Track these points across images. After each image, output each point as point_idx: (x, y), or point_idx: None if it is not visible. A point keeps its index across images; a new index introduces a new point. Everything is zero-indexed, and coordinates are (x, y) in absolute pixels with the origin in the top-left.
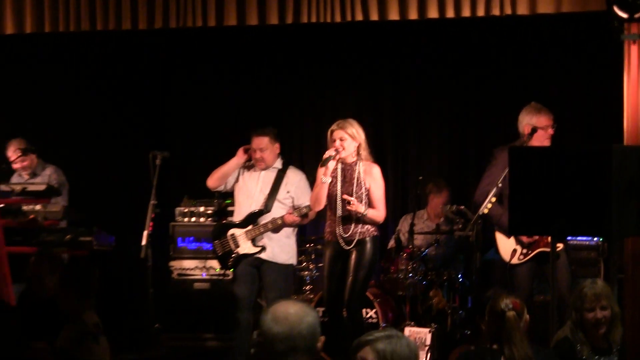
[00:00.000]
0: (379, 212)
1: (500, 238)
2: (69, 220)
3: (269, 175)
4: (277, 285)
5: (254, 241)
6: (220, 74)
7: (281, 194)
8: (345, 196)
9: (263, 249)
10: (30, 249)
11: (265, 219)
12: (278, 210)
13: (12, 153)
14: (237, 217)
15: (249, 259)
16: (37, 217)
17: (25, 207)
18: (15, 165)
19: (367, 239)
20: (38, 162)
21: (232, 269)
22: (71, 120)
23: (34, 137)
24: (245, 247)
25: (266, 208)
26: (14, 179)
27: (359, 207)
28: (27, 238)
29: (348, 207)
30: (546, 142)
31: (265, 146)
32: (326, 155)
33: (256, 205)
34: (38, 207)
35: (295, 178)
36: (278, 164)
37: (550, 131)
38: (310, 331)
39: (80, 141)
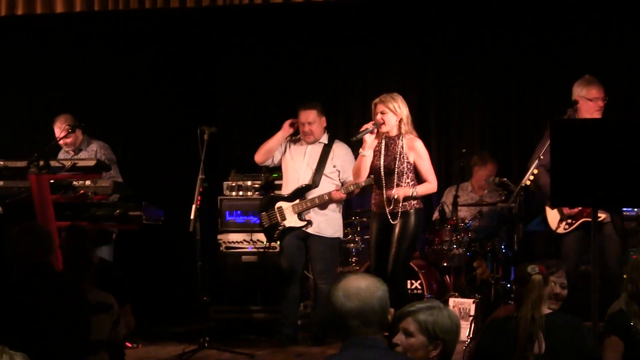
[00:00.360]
0: (430, 184)
1: (549, 208)
2: (118, 195)
3: (316, 150)
4: (323, 258)
5: (300, 215)
6: (267, 50)
7: (328, 168)
8: (387, 192)
9: (309, 223)
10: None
11: (313, 193)
12: (325, 184)
13: (59, 129)
14: (285, 190)
15: (296, 232)
16: (87, 192)
17: (75, 183)
18: (62, 142)
19: (411, 211)
20: (83, 138)
21: (277, 241)
22: (121, 97)
23: (84, 113)
24: (292, 220)
25: (314, 183)
26: (61, 155)
27: (406, 192)
28: (77, 213)
29: (394, 199)
30: (596, 115)
31: (313, 119)
32: (363, 128)
33: (304, 180)
34: (88, 182)
35: (341, 152)
36: (324, 138)
37: (600, 103)
38: (381, 305)
39: (129, 117)
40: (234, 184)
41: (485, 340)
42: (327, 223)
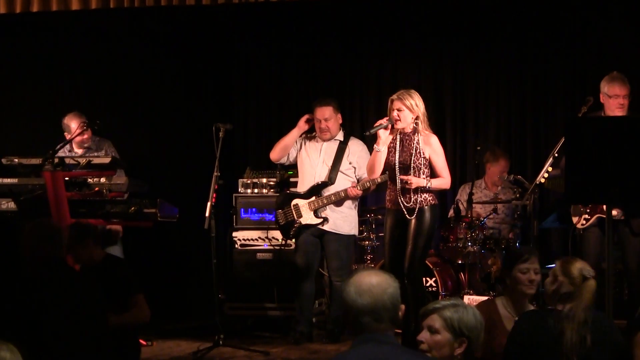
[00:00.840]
0: (445, 180)
1: None
2: (133, 192)
3: (331, 147)
4: (339, 255)
5: (316, 212)
6: (282, 47)
7: (344, 165)
8: (402, 177)
9: (325, 220)
10: (95, 221)
11: (329, 190)
12: (342, 182)
13: (75, 127)
14: (301, 188)
15: (312, 229)
16: (102, 189)
17: (90, 180)
18: (78, 139)
19: (426, 207)
20: (92, 137)
21: (293, 239)
22: (136, 94)
23: (100, 110)
24: (308, 217)
25: (330, 180)
26: (63, 153)
27: (420, 182)
28: (92, 210)
29: (407, 186)
30: (617, 112)
31: (329, 116)
32: (377, 123)
33: (319, 177)
34: (103, 179)
35: (357, 148)
36: (340, 135)
37: (621, 101)
38: (393, 302)
39: (145, 114)
40: (249, 182)
41: (522, 331)
42: (343, 220)
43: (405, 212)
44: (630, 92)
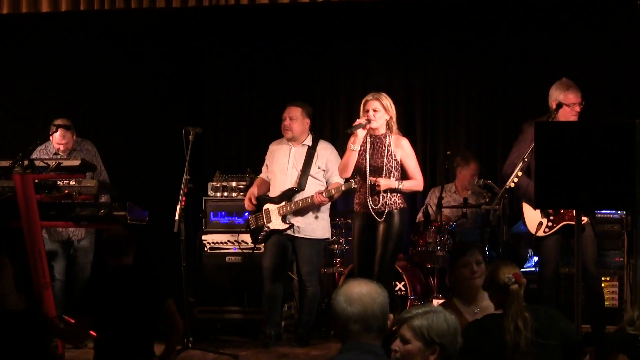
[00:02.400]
0: (417, 182)
1: (527, 210)
2: (102, 195)
3: (300, 152)
4: (310, 260)
5: (284, 218)
6: (252, 51)
7: (313, 169)
8: (371, 178)
9: (291, 226)
10: (64, 224)
11: (299, 196)
12: (313, 186)
13: (61, 134)
14: (273, 193)
15: (282, 234)
16: (72, 192)
17: (59, 183)
18: (57, 145)
19: (395, 211)
20: (75, 140)
21: (262, 243)
22: (105, 97)
23: (69, 112)
24: (276, 223)
25: (299, 186)
26: (37, 154)
27: (390, 183)
28: (62, 213)
29: (377, 188)
30: (572, 119)
31: (294, 116)
32: (356, 122)
33: (290, 181)
34: (72, 182)
35: (325, 152)
36: (308, 141)
37: (577, 109)
38: (382, 311)
39: (114, 117)
40: (218, 185)
41: (470, 341)
42: (315, 225)
43: (374, 215)
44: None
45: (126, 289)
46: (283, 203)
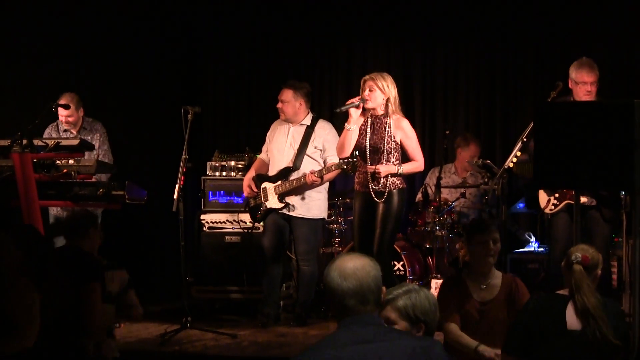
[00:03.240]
0: (417, 163)
1: None
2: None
3: (298, 131)
4: (306, 240)
5: (280, 197)
6: (252, 29)
7: (309, 149)
8: (369, 167)
9: (287, 205)
10: (63, 203)
11: (295, 175)
12: (309, 166)
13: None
14: (272, 171)
15: (279, 213)
16: (70, 171)
17: (58, 162)
18: (63, 121)
19: (395, 191)
20: (84, 118)
21: (260, 222)
22: (104, 76)
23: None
24: (273, 201)
25: (294, 165)
26: (53, 133)
27: (390, 169)
28: (61, 192)
29: (377, 176)
30: (585, 99)
31: (286, 98)
32: (349, 102)
33: (287, 160)
34: (71, 161)
35: (322, 132)
36: (307, 120)
37: (589, 88)
38: (376, 284)
39: (113, 97)
40: (217, 164)
41: (528, 313)
42: (311, 205)
43: (374, 195)
44: (598, 78)
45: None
46: (279, 182)
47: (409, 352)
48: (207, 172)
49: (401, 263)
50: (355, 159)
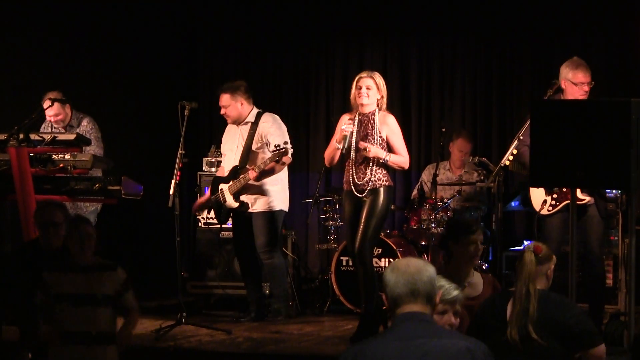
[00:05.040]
0: (403, 158)
1: (533, 188)
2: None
3: (246, 129)
4: (262, 232)
5: (235, 196)
6: (249, 26)
7: (255, 145)
8: (360, 143)
9: (242, 204)
10: (59, 198)
11: (243, 172)
12: (260, 162)
13: (46, 104)
14: (225, 172)
15: (240, 211)
16: (67, 165)
17: (55, 156)
18: (51, 119)
19: (381, 188)
20: (72, 114)
21: (226, 222)
22: (101, 71)
23: (66, 87)
24: (230, 201)
25: (241, 164)
26: (42, 128)
27: (378, 152)
28: (57, 187)
29: (364, 154)
30: (581, 98)
31: (225, 103)
32: (344, 133)
33: (236, 159)
34: (68, 156)
35: (265, 125)
36: (251, 117)
37: (585, 88)
38: (430, 283)
39: (110, 91)
40: (213, 160)
41: (477, 314)
42: (265, 199)
43: (356, 191)
44: (592, 78)
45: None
46: (231, 182)
47: (454, 351)
48: (203, 168)
49: (396, 260)
50: (281, 148)
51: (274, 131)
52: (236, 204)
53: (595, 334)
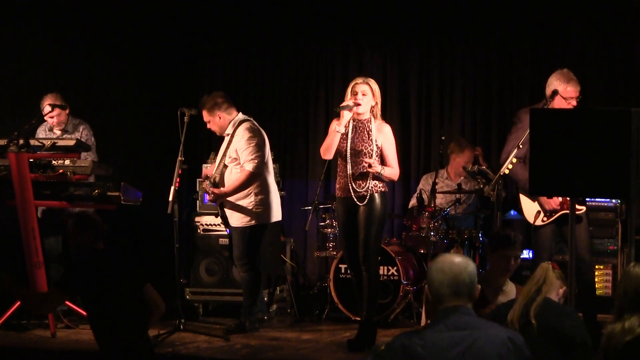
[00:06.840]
0: (394, 170)
1: (524, 200)
2: (96, 175)
3: (227, 140)
4: (237, 245)
5: (220, 208)
6: (249, 33)
7: (227, 159)
8: (366, 160)
9: (219, 215)
10: (58, 203)
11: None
12: (234, 176)
13: (45, 110)
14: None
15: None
16: (66, 171)
17: (54, 162)
18: (51, 121)
19: (376, 194)
20: (69, 119)
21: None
22: (100, 77)
23: (65, 93)
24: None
25: (214, 178)
26: (41, 134)
27: (377, 167)
28: (56, 192)
29: (368, 170)
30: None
31: (206, 119)
32: (344, 103)
33: (218, 171)
34: (67, 162)
35: (236, 138)
36: (230, 129)
37: (574, 103)
38: (471, 279)
39: (110, 97)
40: None
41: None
42: (236, 213)
43: (356, 200)
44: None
45: (111, 272)
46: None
47: (498, 341)
48: (202, 174)
49: (395, 268)
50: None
51: (243, 145)
52: (218, 219)
53: (590, 348)
